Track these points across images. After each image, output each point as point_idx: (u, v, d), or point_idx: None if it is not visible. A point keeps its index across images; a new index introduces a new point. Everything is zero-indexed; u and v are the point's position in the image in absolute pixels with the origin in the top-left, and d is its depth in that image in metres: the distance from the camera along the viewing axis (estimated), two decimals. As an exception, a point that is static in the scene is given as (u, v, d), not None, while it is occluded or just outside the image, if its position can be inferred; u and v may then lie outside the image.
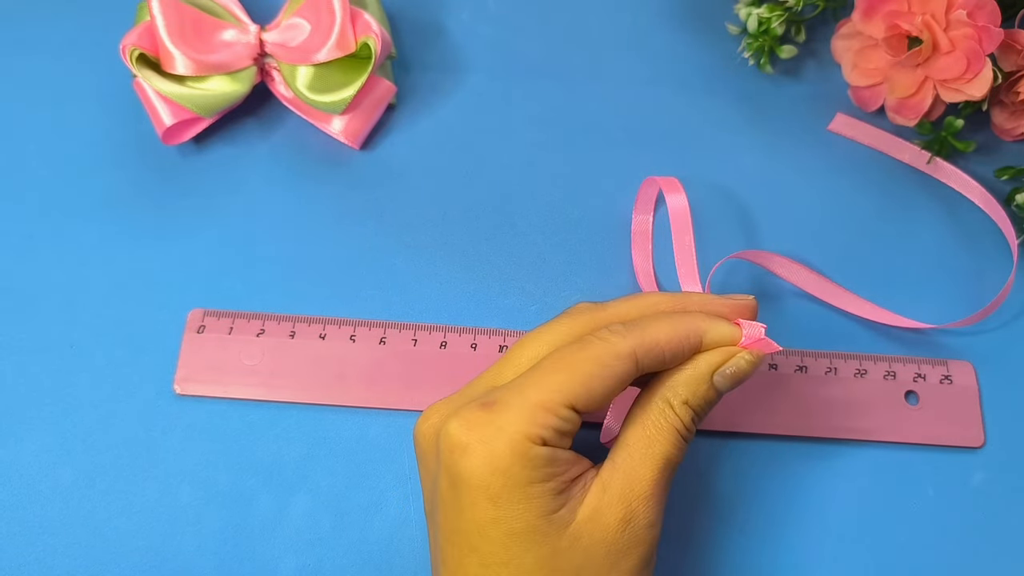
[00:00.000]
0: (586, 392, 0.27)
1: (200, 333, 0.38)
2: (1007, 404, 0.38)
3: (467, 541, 0.27)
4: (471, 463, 0.27)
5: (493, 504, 0.27)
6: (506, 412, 0.27)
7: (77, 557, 0.35)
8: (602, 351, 0.28)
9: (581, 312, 0.30)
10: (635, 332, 0.29)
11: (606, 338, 0.28)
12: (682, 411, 0.29)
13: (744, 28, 0.42)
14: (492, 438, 0.27)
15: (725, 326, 0.30)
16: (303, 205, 0.41)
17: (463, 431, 0.27)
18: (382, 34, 0.39)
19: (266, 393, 0.37)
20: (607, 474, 0.28)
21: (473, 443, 0.27)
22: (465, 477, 0.27)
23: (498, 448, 0.27)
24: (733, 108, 0.43)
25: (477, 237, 0.41)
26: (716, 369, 0.30)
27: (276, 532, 0.36)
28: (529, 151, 0.42)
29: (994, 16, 0.36)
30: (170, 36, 0.38)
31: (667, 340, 0.29)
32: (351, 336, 0.38)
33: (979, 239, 0.41)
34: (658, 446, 0.28)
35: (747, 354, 0.30)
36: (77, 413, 0.37)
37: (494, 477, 0.27)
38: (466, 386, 0.30)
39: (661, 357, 0.29)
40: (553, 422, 0.27)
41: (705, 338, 0.30)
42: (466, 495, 0.27)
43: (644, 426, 0.29)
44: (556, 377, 0.28)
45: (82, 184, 0.41)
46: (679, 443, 0.29)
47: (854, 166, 0.42)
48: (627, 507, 0.28)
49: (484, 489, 0.27)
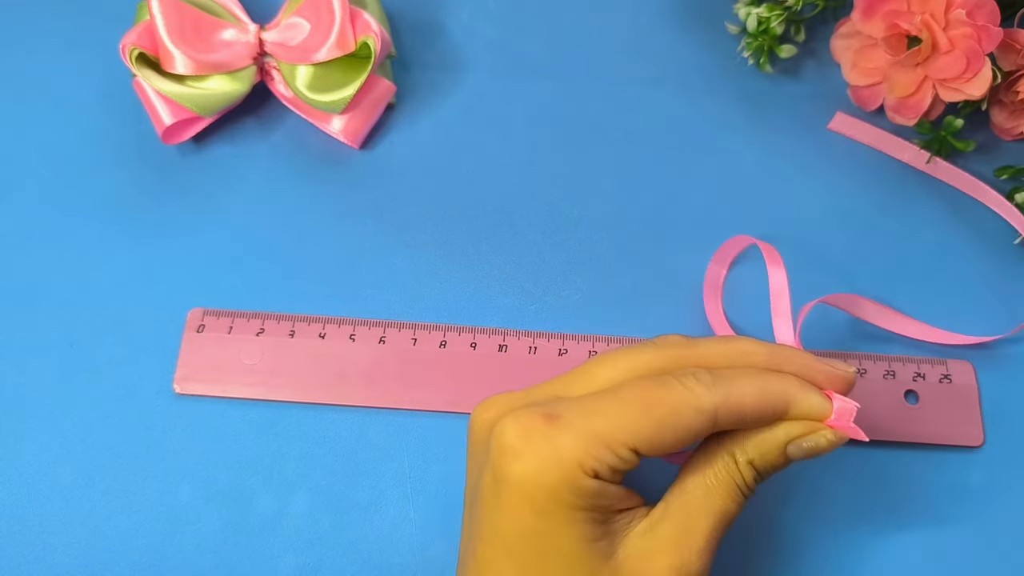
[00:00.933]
0: (654, 439, 0.26)
1: (200, 332, 0.38)
2: (1007, 404, 0.38)
3: (504, 543, 0.27)
4: (520, 470, 0.26)
5: (537, 517, 0.26)
6: (567, 433, 0.26)
7: (77, 556, 0.35)
8: (682, 400, 0.26)
9: (670, 345, 0.29)
10: (721, 387, 0.27)
11: (691, 387, 0.27)
12: (746, 470, 0.28)
13: (744, 28, 0.42)
14: (546, 454, 0.26)
15: (816, 399, 0.28)
16: (303, 204, 0.41)
17: (519, 436, 0.26)
18: (382, 33, 0.39)
19: (266, 392, 0.37)
20: (658, 516, 0.27)
21: (526, 452, 0.26)
22: (512, 482, 0.26)
23: (549, 466, 0.26)
24: (733, 108, 0.43)
25: (477, 237, 0.41)
26: (793, 439, 0.28)
27: (276, 531, 0.36)
28: (529, 151, 0.42)
29: (993, 15, 0.36)
30: (170, 35, 0.38)
31: (753, 404, 0.27)
32: (351, 335, 0.38)
33: (979, 238, 0.41)
34: (718, 499, 0.27)
35: (830, 433, 0.28)
36: (77, 413, 0.37)
37: (539, 491, 0.26)
38: (533, 386, 0.29)
39: (742, 419, 0.27)
40: (610, 459, 0.26)
41: (793, 408, 0.28)
42: (509, 499, 0.26)
43: (706, 476, 0.28)
44: (627, 414, 0.26)
45: (82, 183, 0.41)
46: (739, 499, 0.28)
47: (854, 165, 0.42)
48: (680, 556, 0.27)
49: (529, 500, 0.26)
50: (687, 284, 0.40)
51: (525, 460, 0.26)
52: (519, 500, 0.26)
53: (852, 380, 0.29)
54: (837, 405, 0.28)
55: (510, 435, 0.26)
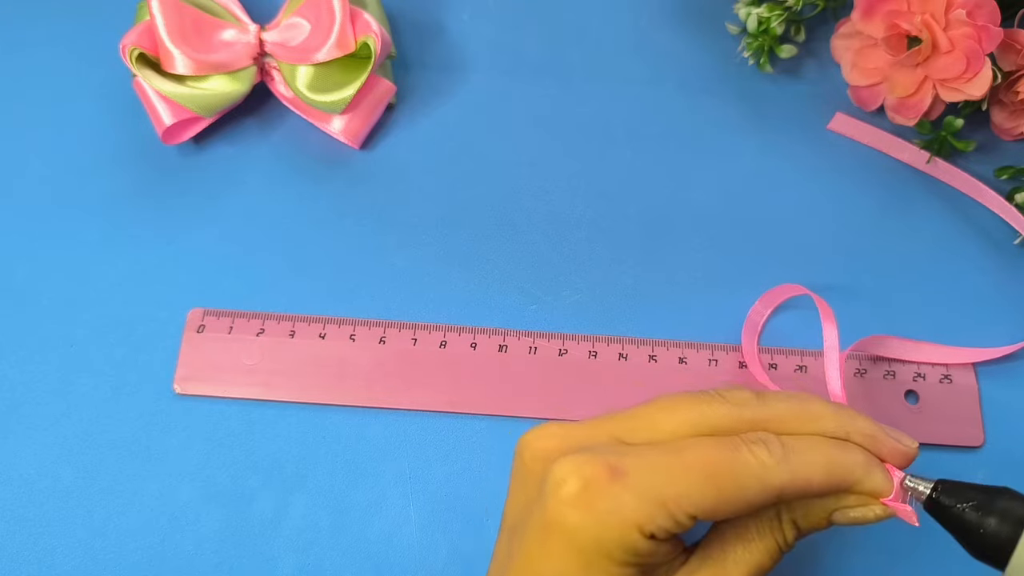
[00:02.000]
0: (716, 508, 0.26)
1: (200, 332, 0.38)
2: (1007, 404, 0.38)
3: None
4: (577, 522, 0.26)
5: (584, 567, 0.26)
6: (630, 493, 0.25)
7: (77, 556, 0.35)
8: (750, 474, 0.26)
9: (739, 403, 0.28)
10: (791, 462, 0.26)
11: (760, 458, 0.26)
12: (788, 528, 0.28)
13: (744, 28, 0.42)
14: (606, 511, 0.25)
15: (880, 479, 0.27)
16: (303, 204, 0.41)
17: (580, 488, 0.26)
18: (382, 34, 0.39)
19: (266, 392, 0.37)
20: (695, 566, 0.27)
21: (586, 506, 0.25)
22: (566, 530, 0.26)
23: (609, 524, 0.25)
24: (733, 108, 0.43)
25: (477, 237, 0.41)
26: (842, 507, 0.27)
27: (276, 531, 0.36)
28: (529, 151, 0.42)
29: (993, 15, 0.36)
30: (170, 36, 0.38)
31: (820, 481, 0.26)
32: (351, 335, 0.38)
33: (979, 238, 0.41)
34: (756, 554, 0.27)
35: (880, 508, 0.27)
36: (77, 412, 0.37)
37: (592, 546, 0.25)
38: (592, 421, 0.28)
39: (806, 494, 0.27)
40: (668, 523, 0.25)
41: (856, 487, 0.27)
42: (558, 546, 0.26)
43: (748, 529, 0.28)
44: (692, 480, 0.26)
45: (82, 183, 0.41)
46: (776, 555, 0.28)
47: (854, 165, 0.42)
48: None
49: (578, 551, 0.26)
50: (687, 284, 0.40)
51: (583, 513, 0.25)
52: (568, 549, 0.26)
53: (914, 454, 0.28)
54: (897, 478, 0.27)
55: (571, 485, 0.26)
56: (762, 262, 0.40)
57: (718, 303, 0.39)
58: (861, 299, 0.39)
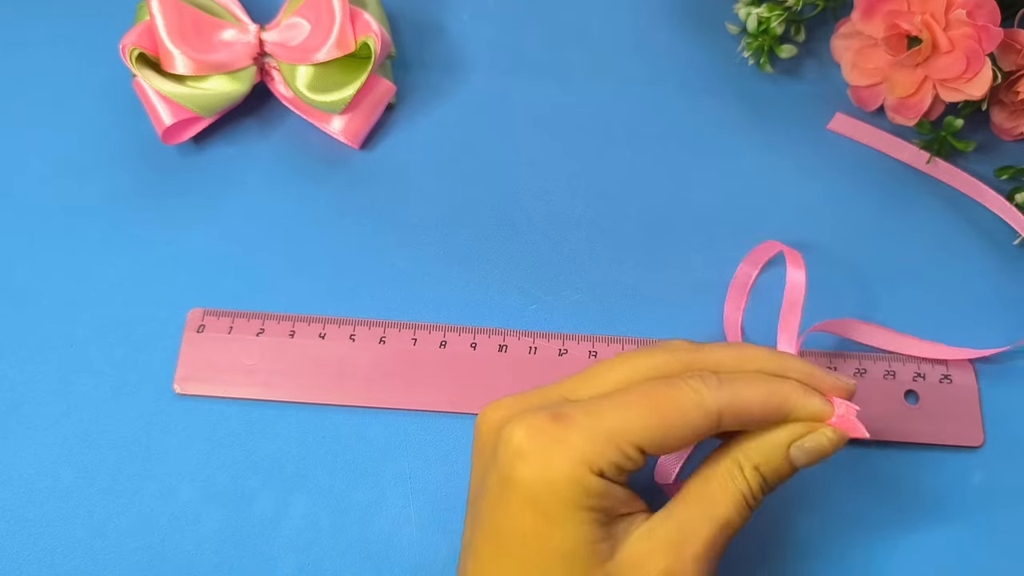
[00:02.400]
0: (659, 437, 0.27)
1: (200, 332, 0.38)
2: (1007, 404, 0.38)
3: (505, 544, 0.27)
4: (526, 471, 0.26)
5: (541, 517, 0.26)
6: (574, 432, 0.26)
7: (77, 556, 0.35)
8: (688, 400, 0.27)
9: (678, 349, 0.29)
10: (726, 390, 0.27)
11: (697, 388, 0.27)
12: (751, 476, 0.28)
13: (744, 28, 0.42)
14: (553, 453, 0.26)
15: (818, 401, 0.28)
16: (303, 204, 0.41)
17: (526, 437, 0.27)
18: (382, 33, 0.39)
19: (266, 393, 0.37)
20: (658, 522, 0.28)
21: (533, 452, 0.26)
22: (517, 483, 0.27)
23: (556, 465, 0.26)
24: (733, 108, 0.43)
25: (477, 237, 0.41)
26: (795, 441, 0.28)
27: (275, 531, 0.36)
28: (529, 151, 0.42)
29: (993, 15, 0.36)
30: (170, 36, 0.38)
31: (758, 407, 0.28)
32: (351, 335, 0.38)
33: (980, 238, 0.41)
34: (720, 508, 0.28)
35: (830, 431, 0.28)
36: (77, 412, 0.37)
37: (545, 491, 0.26)
38: (541, 388, 0.30)
39: (747, 421, 0.28)
40: (616, 457, 0.26)
41: (795, 411, 0.28)
42: (514, 501, 0.27)
43: (709, 483, 0.28)
44: (634, 413, 0.27)
45: (82, 183, 0.41)
46: (742, 508, 0.28)
47: (854, 165, 0.42)
48: (674, 560, 0.27)
49: (533, 500, 0.26)
50: (687, 283, 0.40)
51: (532, 461, 0.26)
52: (523, 502, 0.26)
53: (853, 389, 0.29)
54: (838, 409, 0.28)
55: (518, 437, 0.27)
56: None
57: (718, 303, 0.39)
58: (860, 299, 0.39)
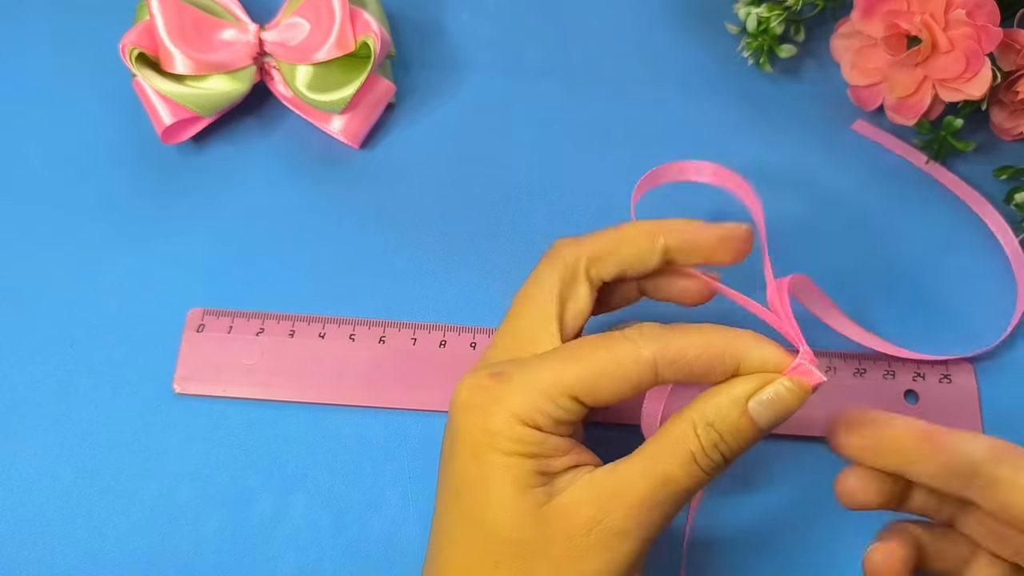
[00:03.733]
0: (594, 387, 0.27)
1: (199, 332, 0.38)
2: (1007, 404, 0.38)
3: (456, 493, 0.28)
4: (468, 421, 0.28)
5: (477, 462, 0.28)
6: (509, 387, 0.28)
7: (77, 556, 0.35)
8: (622, 352, 0.27)
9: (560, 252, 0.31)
10: (663, 339, 0.27)
11: (632, 337, 0.28)
12: (704, 433, 0.27)
13: (743, 27, 0.42)
14: (491, 406, 0.27)
15: (771, 351, 0.27)
16: (303, 204, 0.41)
17: (470, 393, 0.28)
18: (381, 33, 0.39)
19: (265, 392, 0.37)
20: (601, 474, 0.27)
21: (475, 406, 0.28)
22: (461, 432, 0.28)
23: (493, 416, 0.27)
24: (732, 107, 0.43)
25: (477, 236, 0.41)
26: (751, 395, 0.27)
27: (275, 531, 0.36)
28: (529, 151, 0.42)
29: (993, 15, 0.36)
30: (169, 35, 0.38)
31: (696, 354, 0.27)
32: (350, 335, 0.38)
33: (981, 237, 0.41)
34: (662, 464, 0.27)
35: (787, 380, 0.27)
36: (77, 412, 0.37)
37: (483, 438, 0.27)
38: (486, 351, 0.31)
39: (687, 372, 0.27)
40: (551, 409, 0.27)
41: (744, 362, 0.27)
42: (460, 451, 0.28)
43: (659, 441, 0.28)
44: (568, 365, 0.28)
45: (82, 183, 0.41)
46: (689, 466, 0.27)
47: (853, 165, 0.42)
48: (601, 508, 0.27)
49: (472, 447, 0.28)
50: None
51: (474, 412, 0.28)
52: (467, 451, 0.28)
53: (744, 233, 0.30)
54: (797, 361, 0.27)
55: (463, 394, 0.28)
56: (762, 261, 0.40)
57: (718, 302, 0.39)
58: (860, 298, 0.39)
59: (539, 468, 0.27)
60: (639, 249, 0.31)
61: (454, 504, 0.29)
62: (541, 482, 0.27)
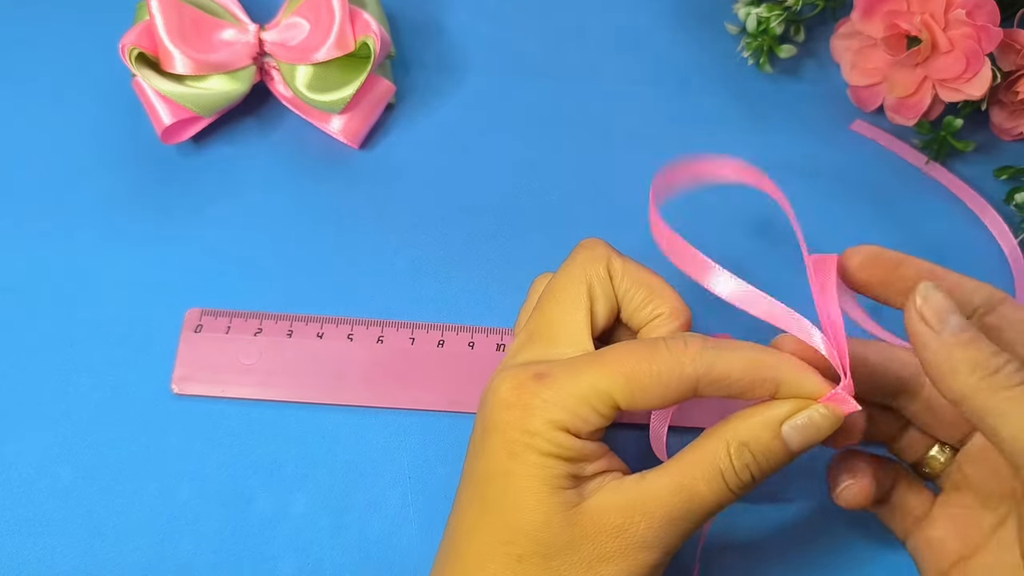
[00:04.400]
0: (632, 397, 0.27)
1: (198, 332, 0.38)
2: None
3: (478, 485, 0.29)
4: (506, 418, 0.28)
5: (510, 458, 0.28)
6: (553, 391, 0.27)
7: (76, 556, 0.35)
8: (667, 367, 0.27)
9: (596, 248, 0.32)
10: (708, 354, 0.27)
11: (677, 353, 0.27)
12: (736, 453, 0.27)
13: (743, 27, 0.42)
14: (532, 407, 0.27)
15: (811, 378, 0.27)
16: (303, 204, 0.41)
17: (512, 392, 0.28)
18: (381, 33, 0.39)
19: (264, 393, 0.37)
20: (629, 483, 0.28)
21: (514, 404, 0.28)
22: (498, 427, 0.28)
23: (533, 417, 0.27)
24: (732, 107, 0.43)
25: (477, 237, 0.41)
26: (787, 419, 0.27)
27: (275, 531, 0.36)
28: (529, 150, 0.42)
29: (993, 15, 0.36)
30: (169, 35, 0.38)
31: (740, 374, 0.27)
32: (348, 335, 0.38)
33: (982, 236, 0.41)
34: (690, 479, 0.27)
35: (822, 407, 0.27)
36: (76, 412, 0.37)
37: (521, 437, 0.27)
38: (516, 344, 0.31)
39: (727, 389, 0.27)
40: (591, 416, 0.27)
41: (784, 386, 0.27)
42: (492, 444, 0.28)
43: (687, 456, 0.28)
44: (609, 375, 0.27)
45: (82, 183, 0.41)
46: (717, 484, 0.27)
47: (853, 164, 0.42)
48: (627, 518, 0.27)
49: (508, 443, 0.28)
50: (687, 283, 0.40)
51: (513, 412, 0.28)
52: (499, 444, 0.28)
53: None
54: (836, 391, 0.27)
55: (504, 389, 0.28)
56: (762, 261, 0.40)
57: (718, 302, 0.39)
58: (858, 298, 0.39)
59: (573, 471, 0.27)
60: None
61: (478, 496, 0.29)
62: (572, 484, 0.27)
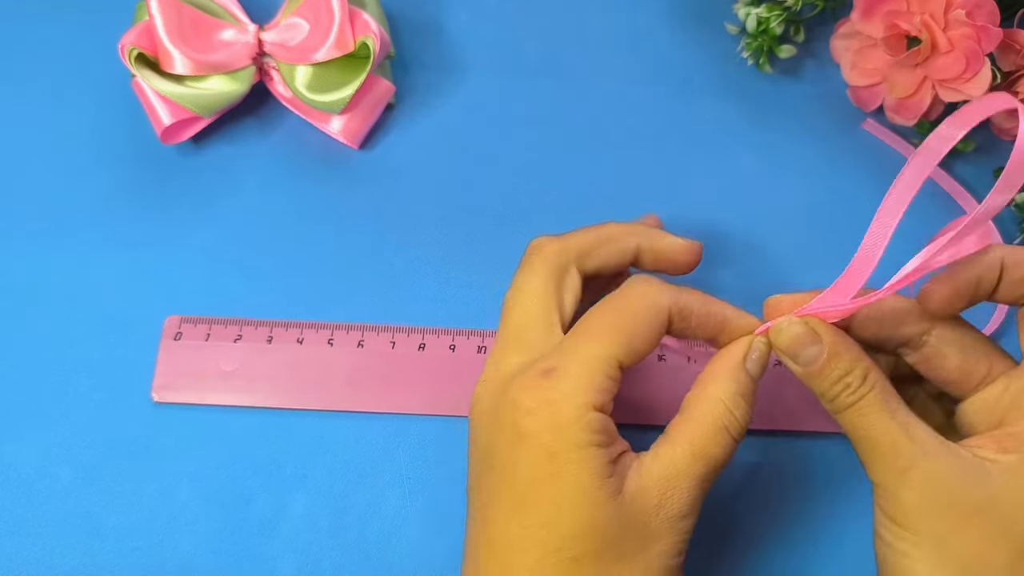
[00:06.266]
0: (631, 348, 0.29)
1: (177, 340, 0.38)
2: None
3: (522, 497, 0.28)
4: (535, 422, 0.28)
5: (551, 460, 0.28)
6: (566, 377, 0.28)
7: (76, 556, 0.35)
8: (642, 305, 0.30)
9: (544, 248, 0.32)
10: (672, 289, 0.30)
11: (644, 291, 0.30)
12: (735, 404, 0.29)
13: (743, 28, 0.42)
14: (555, 402, 0.28)
15: (748, 317, 0.31)
16: (302, 204, 0.41)
17: (529, 397, 0.28)
18: (381, 33, 0.39)
19: (245, 399, 0.37)
20: (649, 459, 0.29)
21: (538, 407, 0.28)
22: (528, 435, 0.28)
23: (560, 411, 0.28)
24: (732, 108, 0.43)
25: (476, 237, 0.41)
26: (744, 357, 0.30)
27: (274, 532, 0.36)
28: (528, 151, 0.42)
29: (993, 16, 0.36)
30: (169, 35, 0.38)
31: (697, 312, 0.30)
32: (329, 340, 0.38)
33: (978, 239, 0.41)
34: (700, 446, 0.29)
35: (763, 338, 0.31)
36: (76, 413, 0.37)
37: (555, 435, 0.28)
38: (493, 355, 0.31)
39: (687, 324, 0.30)
40: (606, 384, 0.28)
41: (729, 324, 0.31)
42: (526, 454, 0.28)
43: (687, 423, 0.29)
44: (605, 337, 0.29)
45: (81, 183, 0.41)
46: (725, 440, 0.29)
47: (853, 165, 0.42)
48: (662, 494, 0.28)
49: (544, 447, 0.28)
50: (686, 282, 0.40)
51: (539, 413, 0.28)
52: (536, 451, 0.28)
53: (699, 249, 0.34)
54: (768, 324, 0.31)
55: (521, 399, 0.28)
56: (762, 261, 0.40)
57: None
58: (860, 299, 0.39)
59: (609, 457, 0.28)
60: (619, 248, 0.33)
61: (521, 513, 0.28)
62: (611, 471, 0.28)
